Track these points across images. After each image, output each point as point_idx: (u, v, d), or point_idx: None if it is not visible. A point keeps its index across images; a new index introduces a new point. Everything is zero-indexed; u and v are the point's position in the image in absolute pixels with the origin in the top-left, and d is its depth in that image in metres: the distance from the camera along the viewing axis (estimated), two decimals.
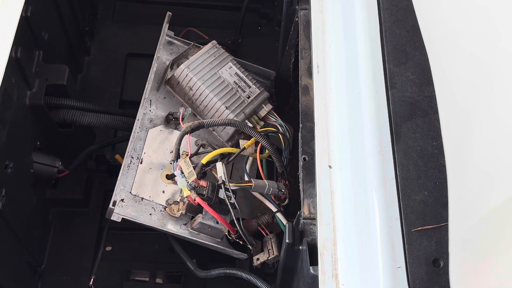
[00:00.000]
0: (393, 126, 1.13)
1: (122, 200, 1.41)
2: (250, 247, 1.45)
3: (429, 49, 1.20)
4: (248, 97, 1.59)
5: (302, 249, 1.15)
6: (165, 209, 1.45)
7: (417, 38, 1.22)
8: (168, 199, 1.47)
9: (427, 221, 1.03)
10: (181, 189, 1.41)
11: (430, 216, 1.03)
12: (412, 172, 1.08)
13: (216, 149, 1.50)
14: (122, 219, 1.39)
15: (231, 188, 1.39)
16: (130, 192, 1.44)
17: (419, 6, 1.25)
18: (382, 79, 1.21)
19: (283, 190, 1.43)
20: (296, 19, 1.54)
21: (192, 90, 1.57)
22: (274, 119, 1.60)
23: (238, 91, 1.58)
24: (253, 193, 1.46)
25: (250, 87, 1.61)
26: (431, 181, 1.06)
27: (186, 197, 1.39)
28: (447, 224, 1.02)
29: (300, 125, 1.29)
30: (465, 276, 0.96)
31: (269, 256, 1.44)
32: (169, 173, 1.49)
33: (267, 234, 1.48)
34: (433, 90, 1.15)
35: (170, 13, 1.70)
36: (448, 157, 1.07)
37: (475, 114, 1.05)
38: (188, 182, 1.36)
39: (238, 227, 1.40)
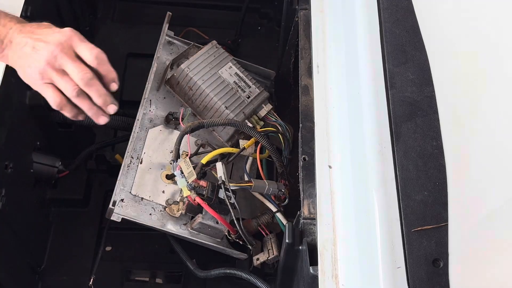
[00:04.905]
0: (393, 126, 1.13)
1: (122, 200, 1.41)
2: (250, 247, 1.45)
3: (429, 49, 1.20)
4: (248, 97, 1.59)
5: (302, 249, 1.15)
6: (165, 209, 1.45)
7: (417, 38, 1.22)
8: (168, 199, 1.47)
9: (427, 221, 1.03)
10: (181, 189, 1.41)
11: (430, 216, 1.03)
12: (412, 172, 1.07)
13: (216, 149, 1.49)
14: (122, 219, 1.39)
15: (231, 188, 1.39)
16: (130, 192, 1.43)
17: (419, 6, 1.25)
18: (382, 79, 1.20)
19: (283, 190, 1.43)
20: (296, 19, 1.54)
21: (192, 90, 1.57)
22: (274, 119, 1.60)
23: (238, 91, 1.58)
24: (253, 193, 1.46)
25: (250, 87, 1.61)
26: (431, 181, 1.06)
27: (186, 197, 1.39)
28: (447, 224, 1.02)
29: (300, 125, 1.29)
30: (465, 276, 0.96)
31: (269, 256, 1.44)
32: (169, 173, 1.49)
33: (267, 234, 1.48)
34: (433, 90, 1.15)
35: (170, 13, 1.70)
36: (448, 157, 1.07)
37: (475, 114, 1.05)
38: (188, 182, 1.36)
39: (238, 227, 1.40)
